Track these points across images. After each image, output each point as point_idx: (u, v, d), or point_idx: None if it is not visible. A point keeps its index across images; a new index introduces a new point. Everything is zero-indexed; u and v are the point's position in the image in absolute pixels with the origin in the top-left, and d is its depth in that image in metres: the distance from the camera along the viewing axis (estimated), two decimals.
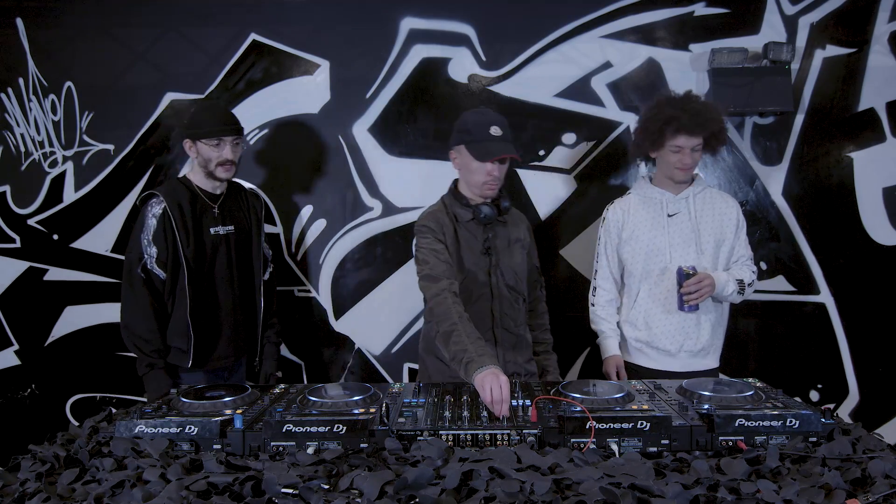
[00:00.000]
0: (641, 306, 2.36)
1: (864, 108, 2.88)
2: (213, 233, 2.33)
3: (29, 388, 3.16)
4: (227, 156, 2.28)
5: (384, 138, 2.99)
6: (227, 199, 2.41)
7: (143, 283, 2.24)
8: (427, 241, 2.05)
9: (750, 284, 2.31)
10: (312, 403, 1.55)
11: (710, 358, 2.37)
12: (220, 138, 2.26)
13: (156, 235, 2.23)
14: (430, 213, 2.15)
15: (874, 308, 2.93)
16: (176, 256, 2.24)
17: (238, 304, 2.41)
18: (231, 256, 2.37)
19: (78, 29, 2.99)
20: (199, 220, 2.31)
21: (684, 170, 2.27)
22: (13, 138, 3.04)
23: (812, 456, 1.31)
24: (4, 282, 3.10)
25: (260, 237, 2.49)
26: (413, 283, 3.00)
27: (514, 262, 2.19)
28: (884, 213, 2.90)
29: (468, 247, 2.11)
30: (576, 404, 1.50)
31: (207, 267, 2.32)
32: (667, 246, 2.32)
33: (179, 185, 2.34)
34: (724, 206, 2.36)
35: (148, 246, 2.24)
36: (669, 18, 2.90)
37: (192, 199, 2.31)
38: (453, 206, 2.15)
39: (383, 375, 3.09)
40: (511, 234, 2.21)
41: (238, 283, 2.40)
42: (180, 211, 2.25)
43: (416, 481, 1.18)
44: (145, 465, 1.31)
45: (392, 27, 2.94)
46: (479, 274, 2.11)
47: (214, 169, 2.29)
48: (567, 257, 3.01)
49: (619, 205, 2.44)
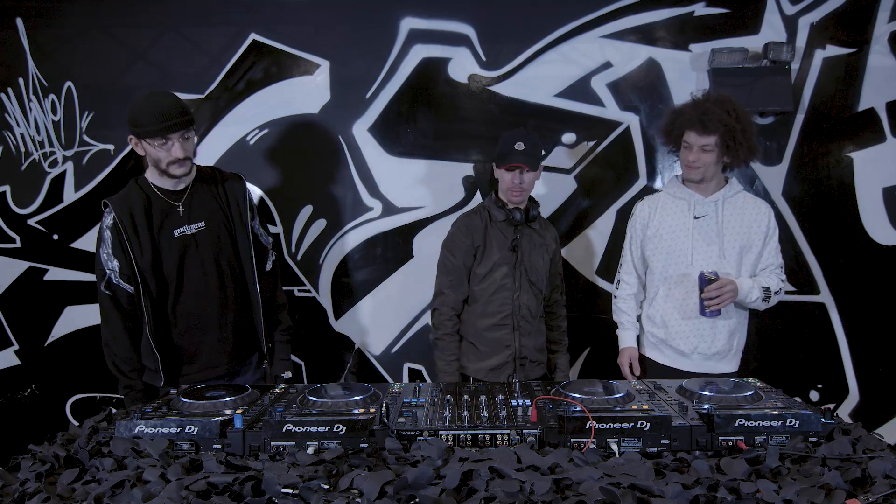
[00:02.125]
0: (659, 305, 2.36)
1: (864, 108, 2.88)
2: (177, 235, 2.09)
3: (29, 388, 3.16)
4: (177, 154, 2.00)
5: (384, 138, 2.99)
6: (195, 193, 2.14)
7: (110, 300, 2.07)
8: (453, 258, 2.42)
9: (777, 293, 2.27)
10: (312, 403, 1.55)
11: (726, 362, 2.35)
12: (166, 136, 1.98)
13: (114, 248, 2.04)
14: (465, 215, 2.50)
15: (874, 308, 2.93)
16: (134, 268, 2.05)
17: (225, 306, 2.18)
18: (205, 256, 2.13)
19: (78, 29, 2.99)
20: (159, 224, 2.07)
21: (691, 168, 2.26)
22: (13, 138, 3.04)
23: (812, 456, 1.31)
24: (4, 282, 3.11)
25: (246, 226, 2.20)
26: (413, 283, 3.02)
27: (536, 260, 2.44)
28: (884, 213, 2.90)
29: (497, 242, 2.42)
30: (576, 404, 1.50)
31: (176, 273, 2.10)
32: (689, 248, 2.30)
33: (134, 187, 2.09)
34: (755, 211, 2.30)
35: (108, 260, 2.05)
36: (669, 18, 2.90)
37: (148, 203, 2.07)
38: (490, 208, 2.46)
39: (383, 375, 3.09)
40: (538, 238, 2.48)
41: (221, 283, 2.16)
42: (131, 219, 2.03)
43: (416, 481, 1.18)
44: (145, 465, 1.31)
45: (392, 27, 2.94)
46: (504, 267, 2.40)
47: (167, 168, 2.03)
48: (567, 257, 3.01)
49: (649, 202, 2.42)
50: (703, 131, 2.19)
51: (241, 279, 2.22)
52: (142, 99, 2.02)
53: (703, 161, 2.23)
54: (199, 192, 2.15)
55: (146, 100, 2.01)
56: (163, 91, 2.07)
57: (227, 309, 2.18)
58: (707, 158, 2.22)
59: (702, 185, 2.31)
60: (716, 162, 2.24)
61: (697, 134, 2.20)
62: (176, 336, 2.14)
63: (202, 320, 2.15)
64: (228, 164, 2.98)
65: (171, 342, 2.13)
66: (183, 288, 2.12)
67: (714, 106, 2.18)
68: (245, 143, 2.98)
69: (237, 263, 2.21)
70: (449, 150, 2.98)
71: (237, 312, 2.21)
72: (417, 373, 3.08)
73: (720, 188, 2.32)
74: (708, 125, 2.17)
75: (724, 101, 2.21)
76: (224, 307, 2.18)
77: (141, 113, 1.98)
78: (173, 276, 2.10)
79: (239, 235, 2.20)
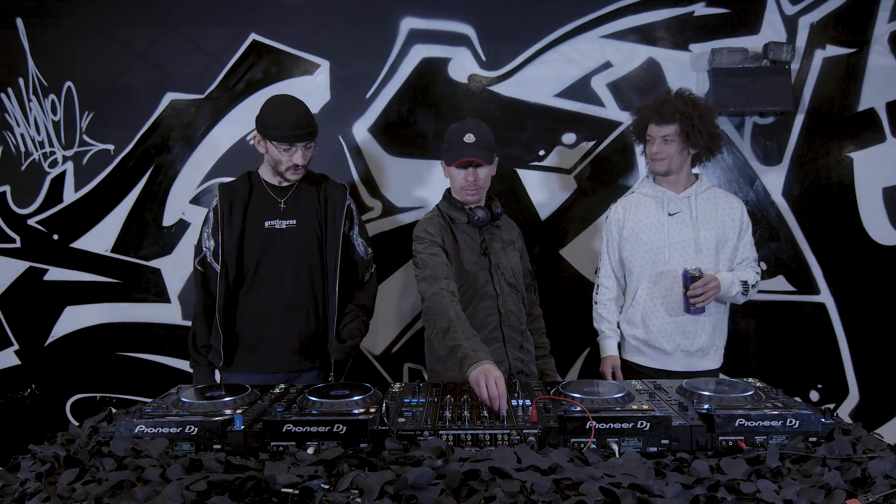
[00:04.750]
0: (640, 304, 2.37)
1: (864, 108, 2.88)
2: (266, 226, 2.18)
3: (29, 388, 3.16)
4: (298, 161, 2.14)
5: (384, 138, 2.99)
6: (298, 193, 2.23)
7: (200, 279, 2.24)
8: (424, 246, 2.11)
9: (754, 285, 2.31)
10: (312, 403, 1.55)
11: (709, 359, 2.37)
12: (293, 144, 2.11)
13: (213, 228, 2.19)
14: (427, 220, 2.22)
15: (874, 308, 2.93)
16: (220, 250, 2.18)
17: (296, 307, 2.20)
18: (287, 253, 2.19)
19: (78, 29, 2.99)
20: (255, 213, 2.18)
21: (656, 160, 2.30)
22: (13, 138, 3.04)
23: (812, 456, 1.31)
24: (4, 282, 3.11)
25: (338, 232, 2.22)
26: (413, 283, 3.01)
27: (510, 261, 2.27)
28: (884, 213, 2.90)
29: (467, 248, 2.19)
30: (576, 404, 1.50)
31: (255, 263, 2.19)
32: (666, 245, 2.32)
33: (244, 177, 2.25)
34: (727, 206, 2.35)
35: (207, 239, 2.22)
36: (669, 18, 2.90)
37: (250, 192, 2.20)
38: (449, 211, 2.23)
39: (383, 375, 3.09)
40: (504, 236, 2.30)
41: (297, 282, 2.20)
42: (230, 204, 2.17)
43: (416, 481, 1.18)
44: (145, 465, 1.31)
45: (392, 27, 2.94)
46: (480, 274, 2.18)
47: (284, 171, 2.16)
48: (567, 257, 3.01)
49: (622, 203, 2.45)
50: (660, 121, 2.26)
51: (321, 284, 2.24)
52: (277, 101, 2.15)
53: (665, 152, 2.27)
54: (302, 192, 2.25)
55: (280, 103, 2.14)
56: (295, 98, 2.17)
57: (296, 309, 2.21)
58: (669, 149, 2.27)
59: (673, 182, 2.35)
60: (679, 152, 2.28)
61: (656, 125, 2.27)
62: (241, 323, 2.21)
63: (269, 314, 2.20)
64: (228, 164, 2.99)
65: (234, 327, 2.21)
66: (258, 277, 2.19)
67: (670, 97, 2.27)
68: (245, 143, 2.98)
69: (321, 268, 2.24)
70: None
71: (307, 315, 2.23)
72: (417, 373, 3.08)
73: (691, 184, 2.36)
74: (664, 114, 2.24)
75: (681, 92, 2.30)
76: (294, 307, 2.21)
77: (272, 115, 2.11)
78: (252, 265, 2.19)
79: (329, 241, 2.23)
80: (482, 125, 2.19)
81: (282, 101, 2.15)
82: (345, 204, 2.26)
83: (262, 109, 2.14)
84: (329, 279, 2.23)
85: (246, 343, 2.22)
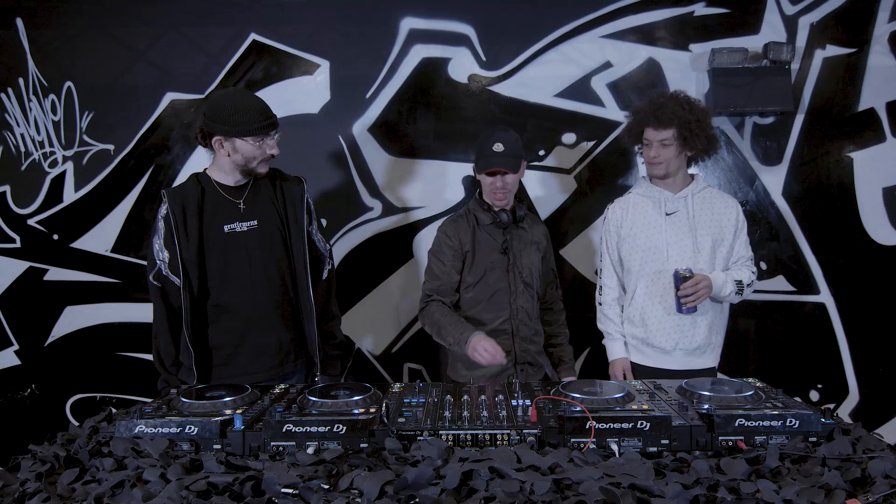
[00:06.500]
0: (638, 303, 2.38)
1: (864, 108, 2.88)
2: (227, 230, 2.04)
3: (29, 388, 3.16)
4: (273, 151, 2.03)
5: (384, 138, 2.99)
6: (255, 191, 2.10)
7: (158, 293, 2.06)
8: (436, 250, 2.39)
9: (749, 285, 2.32)
10: (312, 403, 1.55)
11: (707, 357, 2.37)
12: (267, 133, 2.00)
13: (165, 238, 2.02)
14: (451, 219, 2.45)
15: (874, 308, 2.93)
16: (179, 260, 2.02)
17: (270, 311, 2.10)
18: (253, 256, 2.07)
19: (78, 29, 2.99)
20: (210, 218, 2.04)
21: (654, 164, 2.31)
22: (13, 138, 3.04)
23: (812, 456, 1.31)
24: (4, 282, 3.11)
25: (301, 229, 2.12)
26: (413, 283, 3.02)
27: (530, 261, 2.40)
28: (884, 213, 2.90)
29: (487, 246, 2.37)
30: (576, 404, 1.50)
31: (220, 270, 2.05)
32: (664, 244, 2.33)
33: (192, 180, 2.08)
34: (723, 206, 2.36)
35: (160, 250, 2.04)
36: (669, 18, 2.90)
37: (203, 196, 2.04)
38: (476, 211, 2.41)
39: (383, 375, 3.09)
40: (528, 237, 2.43)
41: (268, 286, 2.09)
42: (183, 210, 2.01)
43: (416, 481, 1.17)
44: (145, 465, 1.31)
45: (392, 27, 2.94)
46: (497, 271, 2.36)
47: (257, 166, 2.04)
48: (567, 257, 3.01)
49: (619, 203, 2.46)
50: (658, 125, 2.26)
51: (293, 284, 2.15)
52: (230, 98, 2.01)
53: (663, 156, 2.28)
54: (260, 190, 2.11)
55: (239, 99, 2.00)
56: (247, 91, 2.06)
57: (271, 314, 2.10)
58: (667, 153, 2.28)
59: (669, 182, 2.36)
60: (676, 156, 2.30)
61: (654, 129, 2.27)
62: (213, 335, 2.09)
63: (244, 323, 2.08)
64: None
65: (206, 341, 2.08)
66: (225, 285, 2.06)
67: (668, 101, 2.27)
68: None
69: (289, 268, 2.14)
70: (449, 150, 2.98)
71: (283, 319, 2.13)
72: (417, 373, 3.08)
73: (687, 184, 2.37)
74: (662, 119, 2.24)
75: (677, 95, 2.30)
76: (268, 312, 2.10)
77: (235, 112, 1.96)
78: (216, 274, 2.05)
79: (293, 239, 2.13)
80: (510, 133, 2.33)
81: (236, 95, 2.04)
82: (304, 198, 2.15)
83: (215, 110, 1.98)
84: (300, 277, 2.14)
85: (221, 356, 2.10)
